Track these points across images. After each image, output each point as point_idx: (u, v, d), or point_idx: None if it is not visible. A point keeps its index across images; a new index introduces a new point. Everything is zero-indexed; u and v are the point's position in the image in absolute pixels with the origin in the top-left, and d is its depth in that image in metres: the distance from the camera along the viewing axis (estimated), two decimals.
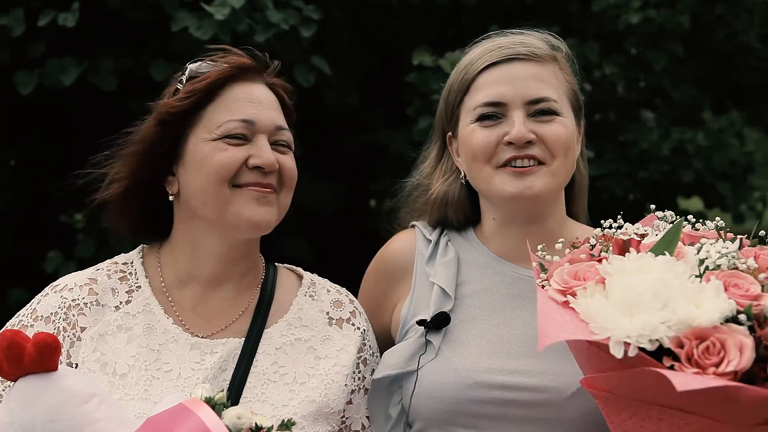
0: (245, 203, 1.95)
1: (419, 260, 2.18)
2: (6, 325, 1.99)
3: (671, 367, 1.48)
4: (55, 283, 2.05)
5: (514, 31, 2.21)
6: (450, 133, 2.20)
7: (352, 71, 4.92)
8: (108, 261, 2.10)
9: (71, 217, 5.71)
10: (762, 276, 1.58)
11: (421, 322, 2.05)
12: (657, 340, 1.48)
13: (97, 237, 4.43)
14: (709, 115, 6.39)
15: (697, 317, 1.48)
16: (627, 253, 1.67)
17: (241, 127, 1.96)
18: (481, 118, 2.08)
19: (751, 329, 1.49)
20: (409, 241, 2.24)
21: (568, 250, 1.80)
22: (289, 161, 2.02)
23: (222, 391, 1.63)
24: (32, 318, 1.97)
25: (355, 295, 2.24)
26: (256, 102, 1.99)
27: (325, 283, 2.18)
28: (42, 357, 1.58)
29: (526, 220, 2.11)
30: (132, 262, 2.08)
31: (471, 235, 2.21)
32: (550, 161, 2.04)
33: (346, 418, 2.04)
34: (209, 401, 1.58)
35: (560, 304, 1.64)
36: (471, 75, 2.11)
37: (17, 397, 1.58)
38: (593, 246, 1.76)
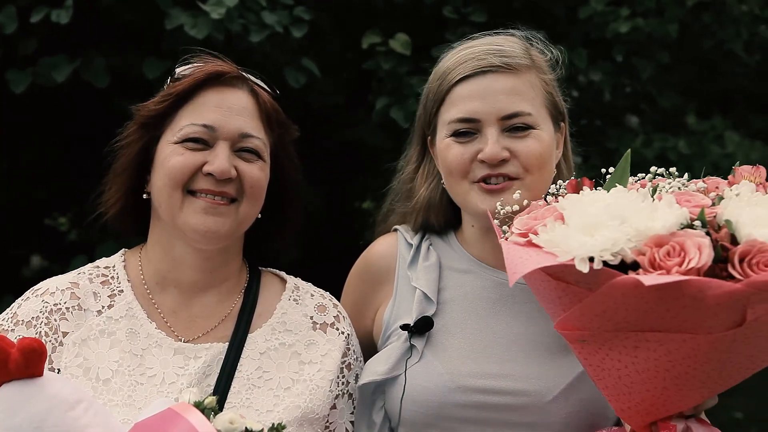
0: (192, 212, 1.94)
1: (401, 264, 2.19)
2: None
3: None
4: (36, 287, 2.03)
5: (492, 33, 2.19)
6: (430, 137, 2.20)
7: (341, 74, 4.92)
8: (90, 265, 2.09)
9: (55, 220, 5.67)
10: (711, 195, 1.66)
11: (405, 327, 2.06)
12: (619, 253, 1.54)
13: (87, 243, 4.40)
14: (693, 119, 6.45)
15: (654, 226, 1.54)
16: (581, 191, 1.74)
17: (200, 132, 1.95)
18: (456, 134, 2.07)
19: (707, 235, 1.54)
20: (391, 245, 2.24)
21: (525, 201, 1.86)
22: (252, 170, 1.98)
23: (211, 395, 1.62)
24: (13, 322, 1.95)
25: (338, 298, 2.23)
26: (224, 108, 1.97)
27: (309, 287, 2.17)
28: (28, 363, 1.56)
29: None
30: (114, 266, 2.07)
31: (452, 240, 2.22)
32: (524, 176, 2.04)
33: (330, 423, 2.04)
34: (198, 405, 1.57)
35: (523, 245, 1.67)
36: (445, 87, 2.10)
37: (2, 403, 1.56)
38: (549, 202, 1.81)
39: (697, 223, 1.56)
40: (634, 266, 1.53)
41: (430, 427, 2.01)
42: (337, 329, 2.10)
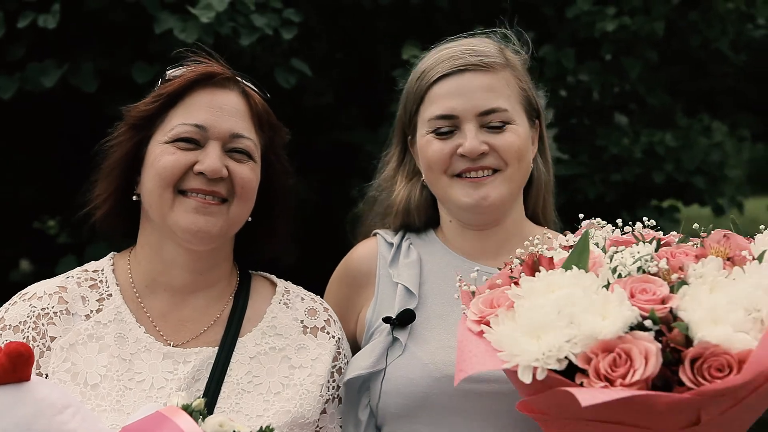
0: (184, 211, 1.93)
1: (382, 264, 2.21)
2: None
3: (582, 384, 1.48)
4: (23, 292, 2.02)
5: (468, 35, 2.24)
6: (410, 137, 2.25)
7: (330, 74, 4.93)
8: (78, 268, 2.08)
9: (44, 223, 5.63)
10: (674, 276, 1.58)
11: (387, 320, 2.08)
12: (565, 358, 1.49)
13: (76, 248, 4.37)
14: (681, 118, 6.47)
15: (601, 330, 1.48)
16: (537, 273, 1.67)
17: (192, 132, 1.95)
18: (436, 131, 2.13)
19: (660, 333, 1.49)
20: (371, 248, 2.27)
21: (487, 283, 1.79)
22: (243, 170, 1.98)
23: (199, 398, 1.61)
24: (0, 327, 1.94)
25: None
26: (215, 108, 1.97)
27: (300, 290, 2.16)
28: (15, 367, 1.55)
29: (482, 225, 2.18)
30: (102, 270, 2.06)
31: (432, 237, 2.26)
32: (504, 168, 2.10)
33: (320, 428, 2.03)
34: (186, 408, 1.56)
35: (476, 334, 1.65)
36: (424, 86, 2.16)
37: None
38: (512, 269, 1.77)
39: (649, 322, 1.49)
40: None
41: (414, 419, 2.01)
42: (328, 333, 2.09)
